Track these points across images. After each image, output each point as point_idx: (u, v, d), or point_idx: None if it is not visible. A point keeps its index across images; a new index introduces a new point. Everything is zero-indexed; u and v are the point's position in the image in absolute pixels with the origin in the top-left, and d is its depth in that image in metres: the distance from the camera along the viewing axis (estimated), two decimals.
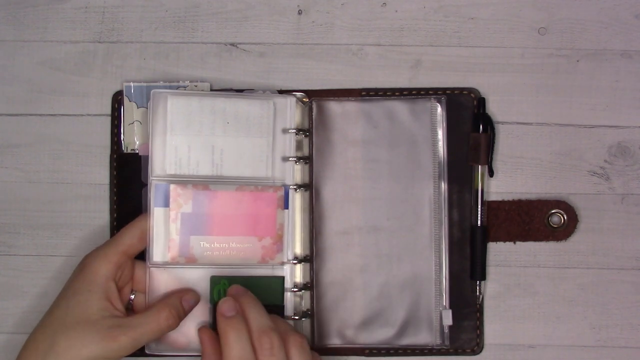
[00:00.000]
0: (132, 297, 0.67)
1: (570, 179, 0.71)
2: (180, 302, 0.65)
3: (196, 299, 0.67)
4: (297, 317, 0.69)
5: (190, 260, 0.67)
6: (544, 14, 0.71)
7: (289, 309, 0.69)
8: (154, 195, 0.67)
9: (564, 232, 0.70)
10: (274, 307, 0.68)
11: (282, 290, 0.69)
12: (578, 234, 0.71)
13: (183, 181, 0.67)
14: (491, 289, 0.71)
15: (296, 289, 0.69)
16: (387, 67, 0.72)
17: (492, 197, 0.71)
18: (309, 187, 0.69)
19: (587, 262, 0.71)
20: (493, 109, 0.71)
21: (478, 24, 0.72)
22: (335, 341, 0.70)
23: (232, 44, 0.72)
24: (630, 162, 0.71)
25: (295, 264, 0.69)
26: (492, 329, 0.71)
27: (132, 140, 0.70)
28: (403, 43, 0.72)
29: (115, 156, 0.71)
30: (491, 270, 0.71)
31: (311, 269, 0.69)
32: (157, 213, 0.67)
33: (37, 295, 0.71)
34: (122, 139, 0.71)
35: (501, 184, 0.71)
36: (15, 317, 0.71)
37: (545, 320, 0.71)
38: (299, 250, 0.70)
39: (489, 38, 0.72)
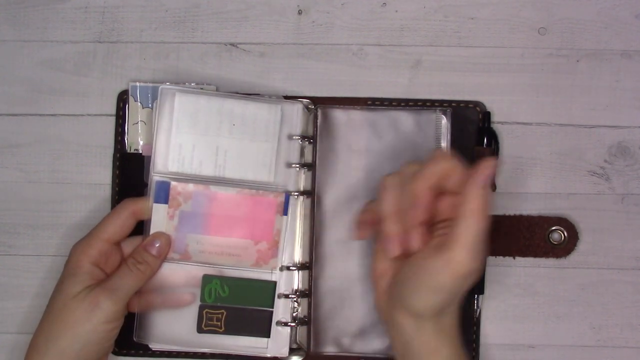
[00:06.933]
0: None
1: (570, 179, 0.71)
2: (145, 250, 0.66)
3: (162, 240, 0.66)
4: (291, 323, 0.69)
5: (184, 258, 0.67)
6: (544, 14, 0.71)
7: (279, 315, 0.69)
8: (154, 191, 0.67)
9: (564, 249, 0.70)
10: (263, 312, 0.68)
11: (273, 295, 0.68)
12: (578, 234, 0.71)
13: (184, 179, 0.67)
14: (491, 289, 0.71)
15: (293, 295, 0.69)
16: (387, 67, 0.72)
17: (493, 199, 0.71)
18: (311, 194, 0.69)
19: (587, 262, 0.71)
20: (493, 108, 0.71)
21: (478, 24, 0.72)
22: (331, 349, 0.69)
23: (232, 44, 0.72)
24: (630, 162, 0.71)
25: (293, 270, 0.69)
26: (492, 329, 0.71)
27: (135, 140, 0.70)
28: (403, 43, 0.72)
29: (118, 155, 0.71)
30: (491, 270, 0.71)
31: (310, 276, 0.69)
32: (155, 209, 0.67)
33: (37, 295, 0.71)
34: (125, 138, 0.70)
35: (500, 185, 0.71)
36: (15, 317, 0.71)
37: (545, 320, 0.71)
38: (298, 257, 0.70)
39: (489, 38, 0.72)
